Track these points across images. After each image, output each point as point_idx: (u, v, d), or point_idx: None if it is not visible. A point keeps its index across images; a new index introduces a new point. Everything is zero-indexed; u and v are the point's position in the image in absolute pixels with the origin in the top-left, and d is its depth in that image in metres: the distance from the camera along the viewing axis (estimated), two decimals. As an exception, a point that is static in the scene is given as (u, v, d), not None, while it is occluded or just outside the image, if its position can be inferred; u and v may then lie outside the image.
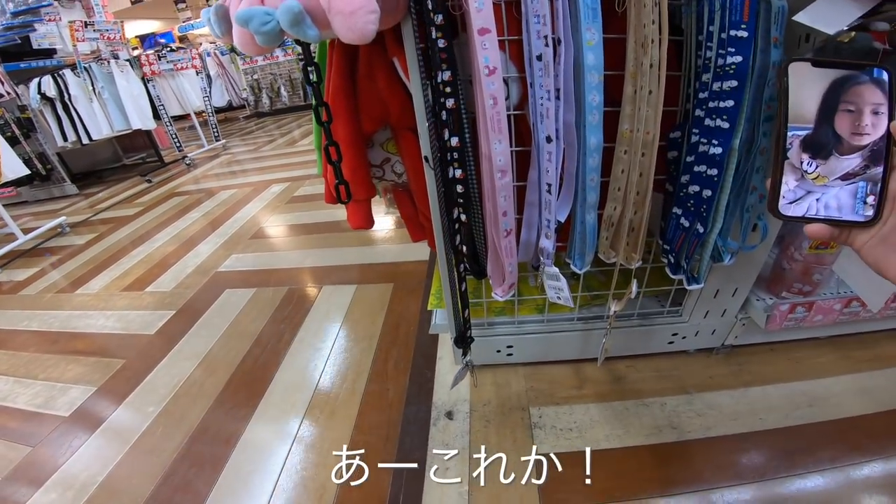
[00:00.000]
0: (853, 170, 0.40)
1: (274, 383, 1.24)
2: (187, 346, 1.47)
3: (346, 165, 0.82)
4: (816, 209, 0.41)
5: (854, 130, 0.40)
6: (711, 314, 1.03)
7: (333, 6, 0.55)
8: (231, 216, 2.56)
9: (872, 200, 0.40)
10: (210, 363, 1.37)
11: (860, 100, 0.40)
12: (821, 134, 0.41)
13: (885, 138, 0.39)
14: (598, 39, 0.64)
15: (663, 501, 0.84)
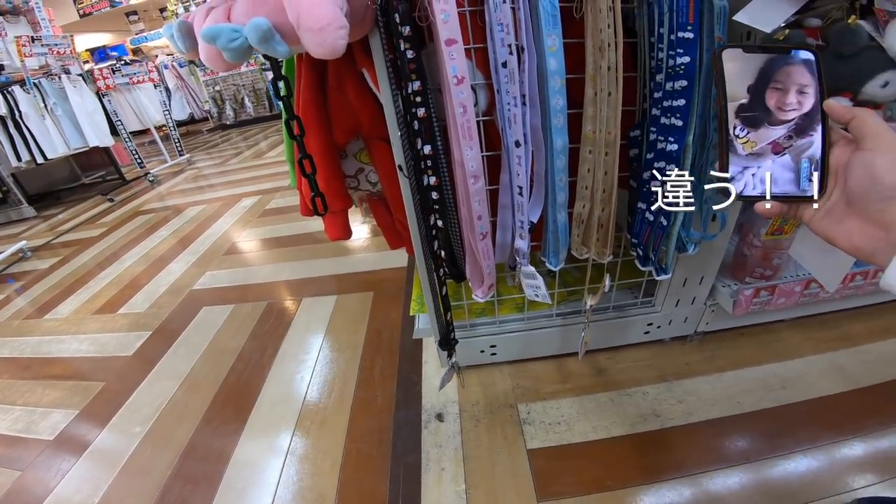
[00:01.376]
0: (780, 139, 0.43)
1: (261, 398, 1.23)
2: (168, 365, 1.44)
3: (320, 177, 0.82)
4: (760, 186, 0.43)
5: (780, 105, 0.43)
6: (682, 303, 1.07)
7: (302, 23, 0.55)
8: (202, 233, 2.50)
9: (817, 177, 0.42)
10: (193, 381, 1.35)
11: (788, 79, 0.43)
12: (754, 106, 0.43)
13: (808, 115, 0.42)
14: (559, 45, 0.66)
15: (654, 488, 0.87)
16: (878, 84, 0.64)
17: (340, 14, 0.55)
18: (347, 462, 1.01)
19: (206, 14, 0.65)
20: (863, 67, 0.65)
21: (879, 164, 0.38)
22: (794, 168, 0.42)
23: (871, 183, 0.38)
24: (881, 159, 0.38)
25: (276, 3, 0.57)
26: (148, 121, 4.43)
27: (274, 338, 1.46)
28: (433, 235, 0.76)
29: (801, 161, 0.42)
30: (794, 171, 0.42)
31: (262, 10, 0.58)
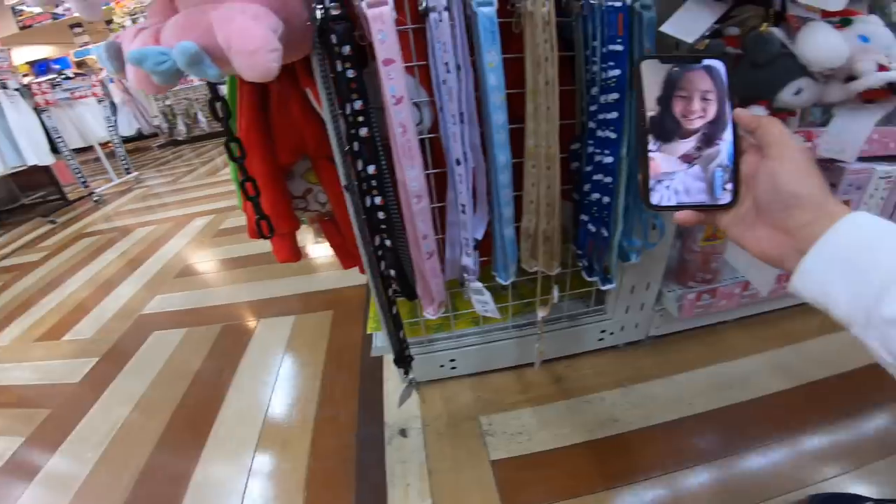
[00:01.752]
0: (690, 151, 0.43)
1: (219, 420, 1.19)
2: (119, 390, 1.38)
3: (265, 199, 0.80)
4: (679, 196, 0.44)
5: (686, 114, 0.43)
6: (632, 309, 1.10)
7: (233, 45, 0.54)
8: (151, 255, 2.39)
9: (731, 186, 0.43)
10: (147, 405, 1.30)
11: (691, 86, 0.43)
12: (663, 118, 0.44)
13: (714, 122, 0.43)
14: (498, 61, 0.67)
15: (617, 493, 0.89)
16: (792, 91, 0.66)
17: (273, 36, 0.54)
18: (312, 481, 0.99)
19: (134, 35, 0.62)
20: (776, 75, 0.66)
21: (781, 173, 0.39)
22: (705, 178, 0.43)
23: (775, 191, 0.40)
24: (783, 168, 0.39)
25: (206, 26, 0.56)
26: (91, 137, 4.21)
27: (231, 360, 1.41)
28: (381, 256, 0.75)
29: (713, 170, 0.43)
30: (705, 180, 0.43)
31: (192, 32, 0.57)
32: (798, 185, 0.39)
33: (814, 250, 0.37)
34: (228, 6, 0.57)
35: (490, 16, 0.66)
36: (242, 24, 0.54)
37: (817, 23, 0.63)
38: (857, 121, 0.68)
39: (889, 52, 0.64)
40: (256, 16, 0.55)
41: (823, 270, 0.37)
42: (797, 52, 0.64)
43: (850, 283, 0.35)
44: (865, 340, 0.35)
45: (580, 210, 0.78)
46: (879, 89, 0.62)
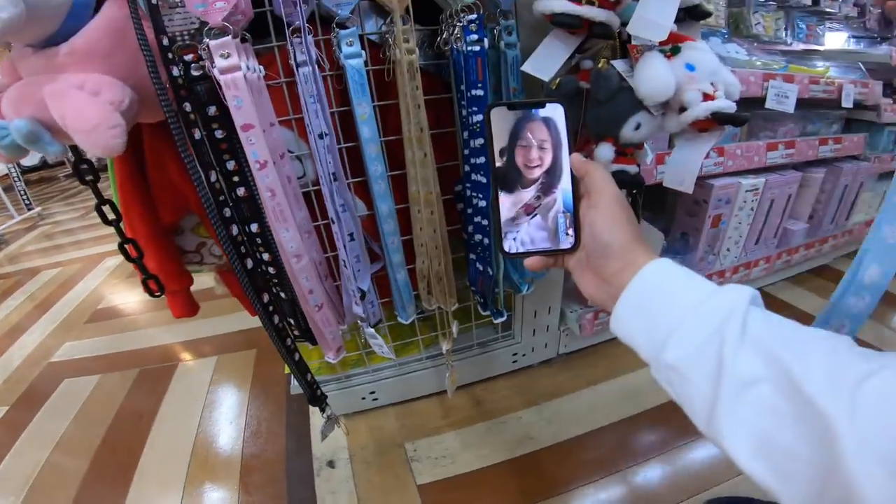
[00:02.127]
0: (530, 201, 0.45)
1: (144, 460, 1.15)
2: (35, 435, 1.30)
3: (150, 259, 0.77)
4: (526, 244, 0.45)
5: (527, 164, 0.45)
6: (538, 331, 1.15)
7: (69, 124, 0.52)
8: (58, 299, 2.21)
9: (571, 231, 0.45)
10: (67, 448, 1.23)
11: (531, 136, 0.45)
12: (508, 169, 0.45)
13: (550, 171, 0.44)
14: (370, 113, 0.68)
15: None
16: (632, 127, 0.65)
17: (111, 112, 0.52)
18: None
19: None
20: (617, 111, 0.65)
21: (598, 222, 0.42)
22: (548, 226, 0.45)
23: (593, 239, 0.42)
24: (599, 217, 0.42)
25: (41, 101, 0.53)
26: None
27: (150, 403, 1.36)
28: (275, 308, 0.74)
29: (555, 216, 0.44)
30: (548, 227, 0.45)
31: (28, 107, 0.54)
32: (609, 235, 0.41)
33: (622, 298, 0.40)
34: (66, 78, 0.55)
35: (358, 68, 0.67)
36: (76, 102, 0.52)
37: (650, 54, 0.63)
38: (693, 150, 0.68)
39: (715, 77, 0.64)
40: (98, 89, 0.54)
41: (628, 316, 0.40)
42: (634, 86, 0.64)
43: (645, 330, 0.39)
44: (658, 381, 0.39)
45: (468, 249, 0.81)
46: (706, 119, 0.62)
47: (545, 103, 0.44)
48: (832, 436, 0.27)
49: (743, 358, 0.32)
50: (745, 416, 0.31)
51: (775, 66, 1.31)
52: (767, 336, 0.33)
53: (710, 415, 0.34)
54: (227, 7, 0.56)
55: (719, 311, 0.35)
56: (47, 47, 0.56)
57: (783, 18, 1.56)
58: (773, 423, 0.30)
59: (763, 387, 0.31)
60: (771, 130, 1.34)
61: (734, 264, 1.35)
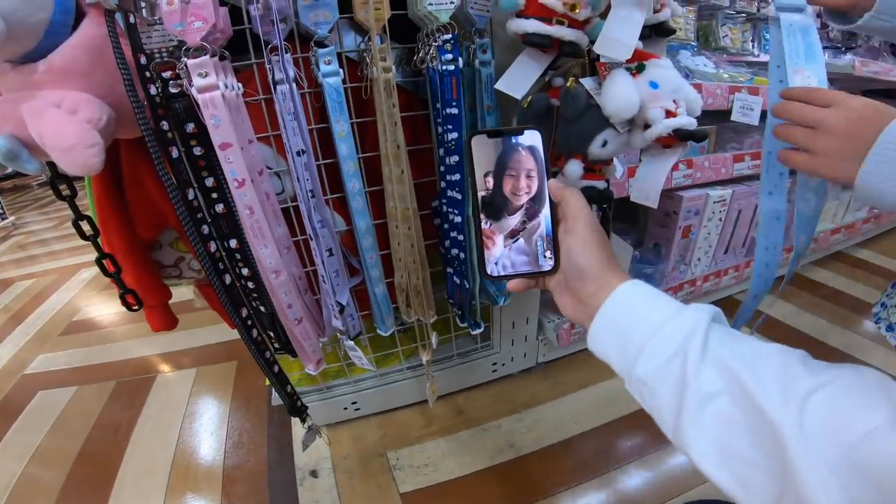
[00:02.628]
0: (516, 226, 0.46)
1: (122, 472, 1.14)
2: (10, 447, 1.28)
3: (128, 274, 0.77)
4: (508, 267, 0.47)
5: (514, 191, 0.46)
6: (517, 342, 1.18)
7: (47, 143, 0.52)
8: (32, 311, 2.16)
9: (550, 254, 0.46)
10: (42, 460, 1.21)
11: (519, 165, 0.46)
12: (494, 197, 0.46)
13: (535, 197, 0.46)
14: (348, 130, 0.69)
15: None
16: (599, 144, 0.67)
17: (90, 132, 0.52)
18: (226, 528, 0.96)
19: None
20: (585, 129, 0.67)
21: (574, 246, 0.44)
22: (530, 248, 0.46)
23: (569, 263, 0.44)
24: (574, 241, 0.44)
25: (19, 118, 0.53)
26: None
27: (128, 415, 1.34)
28: (255, 322, 0.75)
29: (536, 240, 0.46)
30: (530, 250, 0.46)
31: (6, 125, 0.54)
32: (583, 259, 0.43)
33: (596, 318, 0.42)
34: (44, 95, 0.54)
35: (336, 86, 0.68)
36: (54, 121, 0.52)
37: (616, 71, 0.64)
38: (657, 166, 0.70)
39: (677, 94, 0.66)
40: (75, 107, 0.54)
41: (602, 336, 0.42)
42: (600, 104, 0.65)
43: (618, 347, 0.41)
44: (632, 393, 0.41)
45: (445, 263, 0.82)
46: (668, 136, 0.64)
47: (523, 130, 0.45)
48: (783, 444, 0.29)
49: (704, 373, 0.35)
50: (707, 427, 0.34)
51: (741, 79, 1.35)
52: (726, 352, 0.35)
53: (676, 425, 0.36)
54: (206, 27, 0.57)
55: (683, 329, 0.38)
56: (25, 63, 0.55)
57: (750, 30, 1.61)
58: (732, 433, 0.33)
59: (721, 399, 0.34)
60: (737, 142, 1.39)
61: (705, 273, 1.39)
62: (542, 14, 0.66)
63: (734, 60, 1.52)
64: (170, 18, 0.56)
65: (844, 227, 1.83)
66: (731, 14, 1.54)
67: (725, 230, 1.36)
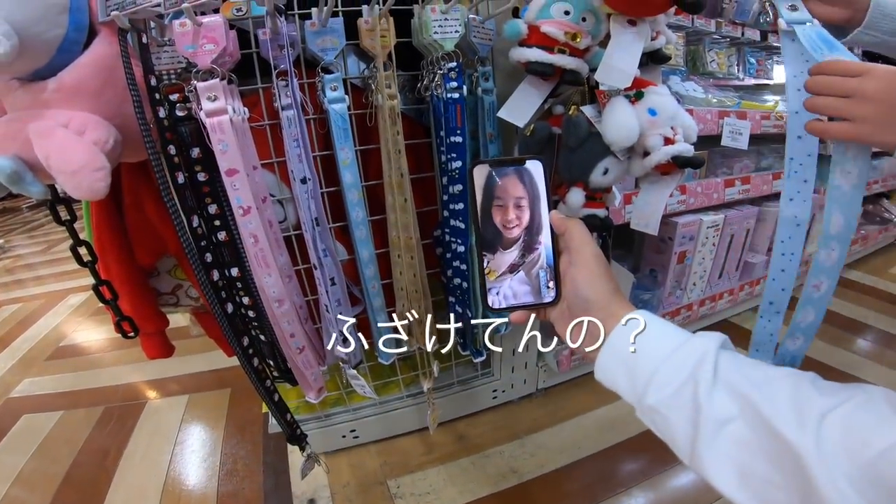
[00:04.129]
0: (515, 261, 0.45)
1: (111, 498, 1.11)
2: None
3: (125, 301, 0.75)
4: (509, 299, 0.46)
5: (505, 224, 0.45)
6: (517, 368, 1.17)
7: (53, 165, 0.51)
8: (18, 336, 2.11)
9: (552, 285, 0.45)
10: (26, 485, 1.18)
11: (506, 195, 0.45)
12: (487, 230, 0.45)
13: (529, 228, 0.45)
14: (352, 158, 0.69)
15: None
16: (600, 172, 0.68)
17: (97, 155, 0.51)
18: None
19: None
20: (586, 157, 0.68)
21: (579, 279, 0.44)
22: (530, 281, 0.46)
23: (574, 294, 0.44)
24: (580, 273, 0.44)
25: (25, 139, 0.52)
26: None
27: (117, 440, 1.30)
28: (255, 351, 0.73)
29: (536, 272, 0.45)
30: (531, 283, 0.46)
31: (12, 145, 0.52)
32: (589, 291, 0.43)
33: (603, 349, 0.42)
34: (52, 115, 0.53)
35: (342, 113, 0.68)
36: (62, 142, 0.51)
37: (616, 99, 0.65)
38: (656, 193, 0.71)
39: (674, 121, 0.67)
40: (82, 128, 0.53)
41: (610, 366, 0.42)
42: (601, 131, 0.66)
43: (626, 377, 0.41)
44: (644, 421, 0.42)
45: (447, 292, 0.82)
46: (667, 163, 0.65)
47: (525, 160, 0.45)
48: (802, 464, 0.30)
49: (716, 399, 0.35)
50: (725, 451, 0.35)
51: (729, 103, 1.39)
52: (737, 378, 0.36)
53: (692, 451, 0.37)
54: (217, 49, 0.57)
55: (692, 357, 0.38)
56: (34, 81, 0.55)
57: (735, 55, 1.65)
58: (750, 456, 0.33)
59: (736, 424, 0.34)
60: (727, 167, 1.42)
61: (700, 297, 1.40)
62: (544, 43, 0.67)
63: (721, 85, 1.57)
64: (182, 40, 0.56)
65: (833, 249, 1.85)
66: (717, 39, 1.58)
67: (719, 255, 1.38)
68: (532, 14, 0.68)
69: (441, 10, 0.68)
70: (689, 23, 1.35)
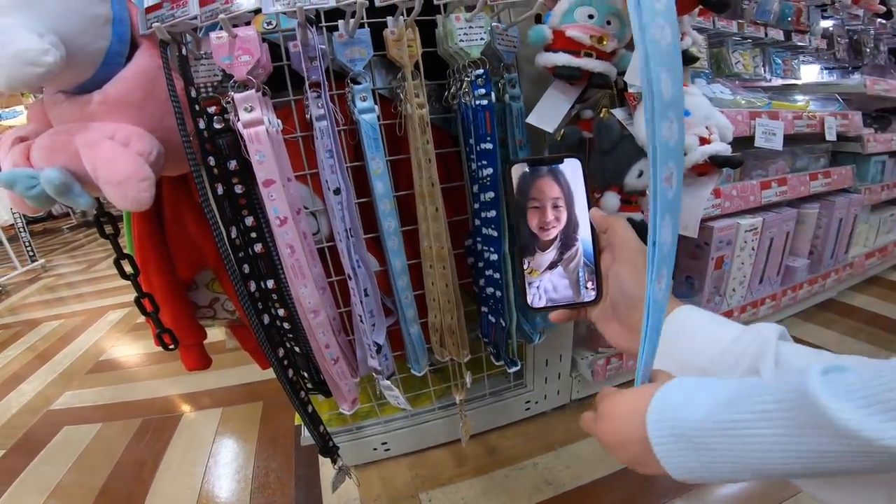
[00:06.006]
0: (553, 258, 0.45)
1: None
2: (31, 480, 1.28)
3: (165, 313, 0.77)
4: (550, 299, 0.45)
5: (541, 226, 0.44)
6: (550, 379, 1.15)
7: (100, 175, 0.52)
8: (60, 350, 2.19)
9: (592, 284, 0.45)
10: (63, 497, 1.19)
11: (542, 196, 0.44)
12: (524, 232, 0.45)
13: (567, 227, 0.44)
14: (384, 168, 0.69)
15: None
16: (635, 175, 0.67)
17: (142, 166, 0.52)
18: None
19: (10, 144, 0.58)
20: (620, 160, 0.67)
21: (624, 275, 0.43)
22: (569, 279, 0.45)
23: (620, 291, 0.43)
24: (625, 270, 0.43)
25: (73, 150, 0.53)
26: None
27: (153, 453, 1.33)
28: (286, 365, 0.73)
29: (576, 270, 0.45)
30: (570, 281, 0.45)
31: (60, 157, 0.54)
32: (635, 288, 0.42)
33: None
34: (98, 127, 0.55)
35: (372, 123, 0.68)
36: (108, 153, 0.52)
37: None
38: (694, 195, 0.69)
39: (709, 121, 0.66)
40: (127, 140, 0.54)
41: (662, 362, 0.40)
42: (634, 133, 0.65)
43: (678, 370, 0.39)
44: None
45: (480, 302, 0.81)
46: (704, 163, 0.64)
47: (563, 158, 0.45)
48: None
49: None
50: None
51: (759, 104, 1.35)
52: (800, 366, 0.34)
53: None
54: (252, 61, 0.58)
55: (751, 350, 0.36)
56: (79, 94, 0.56)
57: (760, 55, 1.62)
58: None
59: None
60: (762, 169, 1.37)
61: (741, 303, 1.35)
62: (570, 47, 0.67)
63: (748, 86, 1.53)
64: (219, 51, 0.57)
65: (878, 250, 1.78)
66: (740, 40, 1.55)
67: (758, 259, 1.33)
68: (556, 19, 0.68)
69: (466, 19, 0.69)
70: (710, 25, 1.34)
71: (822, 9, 1.72)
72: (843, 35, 1.89)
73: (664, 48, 0.31)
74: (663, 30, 0.31)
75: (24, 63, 0.45)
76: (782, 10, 1.55)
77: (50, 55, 0.46)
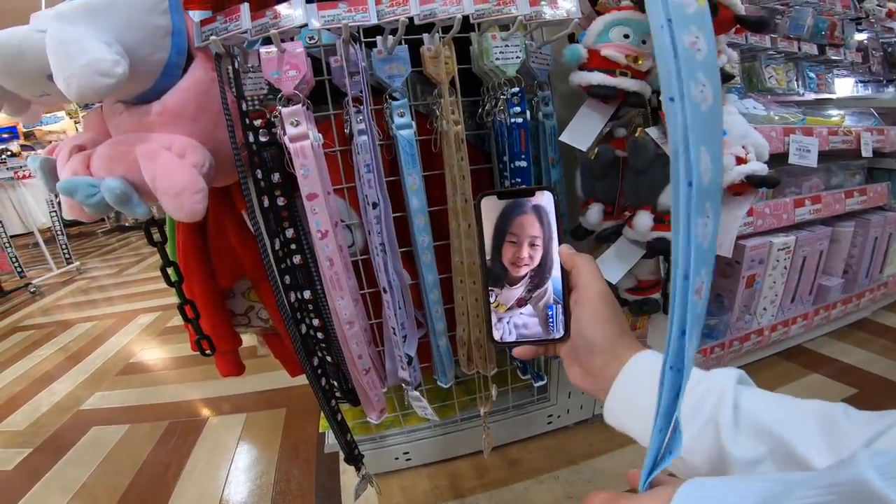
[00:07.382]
0: (522, 294, 0.43)
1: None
2: (56, 480, 1.31)
3: (205, 321, 0.79)
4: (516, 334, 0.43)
5: (514, 262, 0.43)
6: (574, 393, 1.14)
7: (158, 186, 0.54)
8: (91, 351, 2.26)
9: (562, 319, 0.43)
10: (87, 497, 1.22)
11: (521, 231, 0.42)
12: (495, 265, 0.43)
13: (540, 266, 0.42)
14: (420, 184, 0.70)
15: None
16: (669, 194, 0.60)
17: (197, 178, 0.54)
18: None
19: (69, 154, 0.59)
20: (654, 179, 0.66)
21: (583, 319, 0.41)
22: (538, 315, 0.43)
23: (579, 334, 0.41)
24: (584, 314, 0.41)
25: (132, 161, 0.55)
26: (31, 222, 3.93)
27: (178, 456, 1.36)
28: (319, 373, 0.75)
29: (545, 307, 0.43)
30: (539, 317, 0.43)
31: (120, 166, 0.55)
32: (593, 333, 0.41)
33: (611, 393, 0.40)
34: (157, 138, 0.56)
35: (409, 138, 0.69)
36: (167, 165, 0.53)
37: None
38: (730, 214, 0.68)
39: (745, 140, 0.66)
40: (183, 151, 0.55)
41: (620, 409, 0.40)
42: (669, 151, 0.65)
43: (638, 421, 0.39)
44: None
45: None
46: (740, 183, 0.63)
47: (535, 191, 0.43)
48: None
49: (742, 441, 0.33)
50: None
51: (793, 120, 1.33)
52: (761, 416, 0.34)
53: None
54: (299, 76, 0.60)
55: (710, 397, 0.36)
56: (137, 104, 0.57)
57: (793, 70, 1.59)
58: None
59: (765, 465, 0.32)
60: (796, 186, 1.35)
61: (772, 322, 1.32)
62: (605, 66, 0.68)
63: (782, 101, 1.51)
64: (268, 66, 0.59)
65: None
66: (773, 55, 1.53)
67: (791, 278, 1.30)
68: (591, 38, 0.69)
69: (502, 38, 0.70)
70: (742, 40, 1.33)
71: (856, 22, 1.69)
72: (877, 48, 1.85)
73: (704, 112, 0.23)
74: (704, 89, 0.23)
75: (96, 73, 0.46)
76: (816, 25, 1.52)
77: (121, 66, 0.47)
